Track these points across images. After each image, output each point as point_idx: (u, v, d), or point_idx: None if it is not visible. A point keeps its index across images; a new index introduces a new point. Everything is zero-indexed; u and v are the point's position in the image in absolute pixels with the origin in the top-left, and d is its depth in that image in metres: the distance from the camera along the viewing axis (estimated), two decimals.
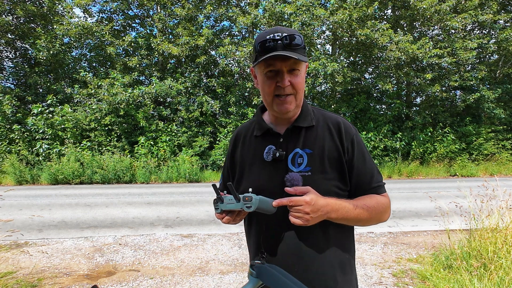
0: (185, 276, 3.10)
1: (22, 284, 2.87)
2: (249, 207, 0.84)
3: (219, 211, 0.91)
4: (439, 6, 10.89)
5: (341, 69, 10.87)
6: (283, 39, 0.87)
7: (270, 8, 11.02)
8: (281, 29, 0.90)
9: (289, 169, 0.95)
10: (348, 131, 0.98)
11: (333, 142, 0.96)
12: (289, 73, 0.90)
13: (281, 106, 0.94)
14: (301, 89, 0.94)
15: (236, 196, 0.85)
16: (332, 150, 0.96)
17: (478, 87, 12.49)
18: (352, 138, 0.97)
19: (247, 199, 0.84)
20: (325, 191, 0.91)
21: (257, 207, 0.85)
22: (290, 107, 0.94)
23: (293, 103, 0.94)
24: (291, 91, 0.92)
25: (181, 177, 9.95)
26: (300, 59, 0.87)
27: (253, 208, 0.84)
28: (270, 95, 0.94)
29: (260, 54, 0.90)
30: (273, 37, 0.88)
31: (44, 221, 5.04)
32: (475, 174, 11.29)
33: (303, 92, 0.95)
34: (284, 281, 0.75)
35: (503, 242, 2.74)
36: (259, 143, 1.03)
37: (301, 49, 0.90)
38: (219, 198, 0.89)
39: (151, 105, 11.47)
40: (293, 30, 0.91)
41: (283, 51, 0.87)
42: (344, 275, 0.98)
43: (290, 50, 0.87)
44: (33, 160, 10.15)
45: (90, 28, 11.58)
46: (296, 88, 0.92)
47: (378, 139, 11.51)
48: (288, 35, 0.87)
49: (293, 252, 0.95)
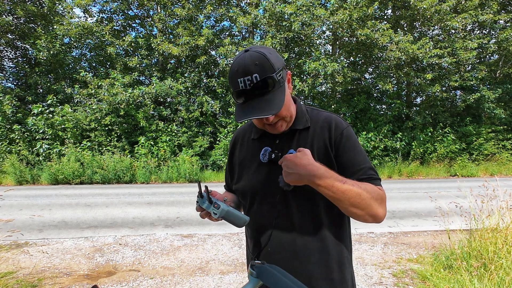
0: (185, 276, 3.10)
1: (22, 284, 2.87)
2: (215, 213, 0.89)
3: (197, 205, 0.96)
4: (439, 6, 10.88)
5: (341, 69, 10.87)
6: (254, 86, 0.84)
7: (270, 8, 11.02)
8: (249, 68, 0.83)
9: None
10: (338, 125, 0.97)
11: (322, 138, 0.97)
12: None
13: (273, 130, 0.97)
14: (288, 113, 0.94)
15: (209, 199, 0.91)
16: (320, 146, 0.96)
17: (478, 87, 12.49)
18: (342, 131, 0.96)
19: (216, 206, 0.89)
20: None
21: (223, 217, 0.89)
22: (281, 129, 0.97)
23: (284, 125, 0.96)
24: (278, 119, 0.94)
25: (181, 177, 9.96)
26: (275, 113, 0.84)
27: (217, 216, 0.89)
28: (260, 125, 0.97)
29: (236, 98, 0.90)
30: (244, 85, 0.84)
31: (44, 221, 5.04)
32: (475, 174, 11.29)
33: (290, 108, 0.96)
34: (284, 281, 0.75)
35: (503, 242, 2.73)
36: (256, 145, 1.05)
37: (276, 83, 0.86)
38: (200, 194, 0.94)
39: (151, 105, 11.48)
40: (263, 62, 0.84)
41: (257, 100, 0.85)
42: (340, 272, 1.00)
43: (265, 93, 0.86)
44: (33, 160, 10.14)
45: (90, 28, 11.58)
46: (282, 116, 0.93)
47: (378, 139, 11.50)
48: (261, 79, 0.83)
49: (289, 249, 0.97)
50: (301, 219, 0.96)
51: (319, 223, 0.96)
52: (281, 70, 0.88)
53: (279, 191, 0.94)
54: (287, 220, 0.96)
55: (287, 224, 0.96)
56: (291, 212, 0.96)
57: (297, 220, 0.96)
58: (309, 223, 0.96)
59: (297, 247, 0.96)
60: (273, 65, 0.85)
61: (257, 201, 1.01)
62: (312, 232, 0.96)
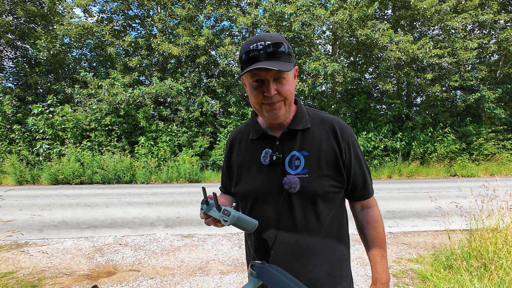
0: (185, 276, 3.10)
1: (22, 284, 2.87)
2: (225, 220, 0.86)
3: (202, 212, 0.94)
4: (440, 6, 10.88)
5: (341, 69, 10.87)
6: (265, 48, 0.87)
7: (271, 8, 11.02)
8: (264, 37, 0.89)
9: (286, 172, 0.96)
10: (344, 131, 0.99)
11: (330, 143, 0.98)
12: (275, 82, 0.90)
13: (270, 113, 0.94)
14: (289, 94, 0.93)
15: (217, 206, 0.88)
16: (329, 151, 0.97)
17: (478, 87, 12.49)
18: (348, 139, 0.99)
19: (226, 213, 0.86)
20: (322, 192, 0.94)
21: (235, 223, 0.87)
22: (280, 112, 0.94)
23: (282, 108, 0.94)
24: (278, 99, 0.92)
25: (181, 177, 9.95)
26: (282, 70, 0.85)
27: (229, 223, 0.86)
28: (258, 104, 0.94)
29: (244, 65, 0.90)
30: (256, 47, 0.87)
31: (45, 221, 5.04)
32: (476, 174, 11.28)
33: (292, 96, 0.96)
34: (285, 282, 0.75)
35: (503, 242, 2.73)
36: (255, 147, 1.04)
37: (285, 56, 0.89)
38: (206, 200, 0.92)
39: (151, 105, 11.47)
40: (278, 37, 0.89)
41: (266, 61, 0.86)
42: (341, 269, 1.02)
43: (274, 59, 0.87)
44: (34, 160, 10.14)
45: (90, 28, 11.58)
46: (284, 95, 0.92)
47: (378, 139, 11.50)
48: (272, 43, 0.87)
49: (291, 249, 0.97)
50: (304, 220, 0.96)
51: (321, 223, 0.96)
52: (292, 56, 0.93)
53: (282, 192, 0.94)
54: (290, 221, 0.96)
55: (290, 225, 0.96)
56: (294, 213, 0.96)
57: (300, 221, 0.96)
58: (312, 223, 0.96)
59: (300, 248, 0.96)
60: (286, 46, 0.90)
61: (259, 204, 1.01)
62: (314, 232, 0.97)
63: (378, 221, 1.05)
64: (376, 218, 1.06)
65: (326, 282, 0.98)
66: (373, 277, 1.03)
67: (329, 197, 0.96)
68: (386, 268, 1.02)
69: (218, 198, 0.95)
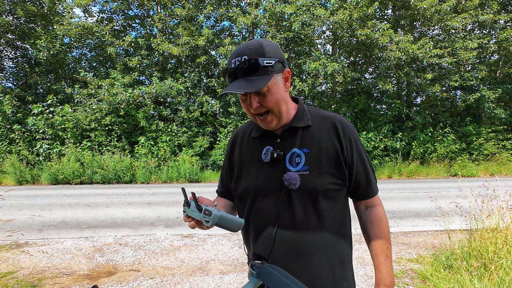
0: (185, 276, 3.10)
1: (22, 284, 2.87)
2: (207, 221, 0.82)
3: (185, 215, 0.91)
4: (440, 6, 10.89)
5: (341, 69, 10.87)
6: (241, 65, 0.87)
7: (271, 8, 11.02)
8: (242, 51, 0.88)
9: (287, 169, 0.96)
10: (345, 129, 0.99)
11: (331, 140, 0.97)
12: (256, 95, 0.91)
13: (263, 123, 0.97)
14: (275, 104, 0.92)
15: (198, 206, 0.84)
16: (329, 148, 0.97)
17: (478, 87, 12.49)
18: (349, 136, 0.99)
19: (207, 213, 0.82)
20: (322, 189, 0.94)
21: (217, 223, 0.83)
22: (272, 124, 0.96)
23: (274, 119, 0.95)
24: (263, 110, 0.93)
25: (181, 177, 9.96)
26: (249, 92, 0.84)
27: (210, 223, 0.82)
28: (252, 115, 0.97)
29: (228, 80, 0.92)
30: (234, 63, 0.89)
31: (45, 221, 5.04)
32: (476, 174, 11.29)
33: (281, 103, 0.94)
34: (285, 282, 0.75)
35: (503, 242, 2.73)
36: (257, 144, 1.04)
37: (262, 69, 0.88)
38: (187, 202, 0.88)
39: (151, 105, 11.48)
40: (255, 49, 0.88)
41: (241, 80, 0.88)
42: (342, 269, 1.00)
43: (249, 76, 0.87)
44: (34, 160, 10.14)
45: (90, 28, 11.58)
46: (266, 106, 0.92)
47: (378, 139, 11.50)
48: (248, 59, 0.86)
49: (292, 248, 0.96)
50: (304, 218, 0.95)
51: (322, 221, 0.96)
52: (275, 61, 0.90)
53: (282, 190, 0.94)
54: (289, 218, 0.96)
55: (290, 223, 0.96)
56: (294, 210, 0.95)
57: (300, 218, 0.95)
58: (312, 221, 0.95)
59: (300, 245, 0.96)
60: (265, 53, 0.88)
61: (259, 201, 1.01)
62: (315, 230, 0.96)
63: (382, 220, 1.03)
64: (380, 217, 1.04)
65: (326, 282, 0.97)
66: (376, 279, 1.00)
67: (330, 195, 0.96)
68: (390, 270, 0.99)
69: (201, 198, 0.93)
